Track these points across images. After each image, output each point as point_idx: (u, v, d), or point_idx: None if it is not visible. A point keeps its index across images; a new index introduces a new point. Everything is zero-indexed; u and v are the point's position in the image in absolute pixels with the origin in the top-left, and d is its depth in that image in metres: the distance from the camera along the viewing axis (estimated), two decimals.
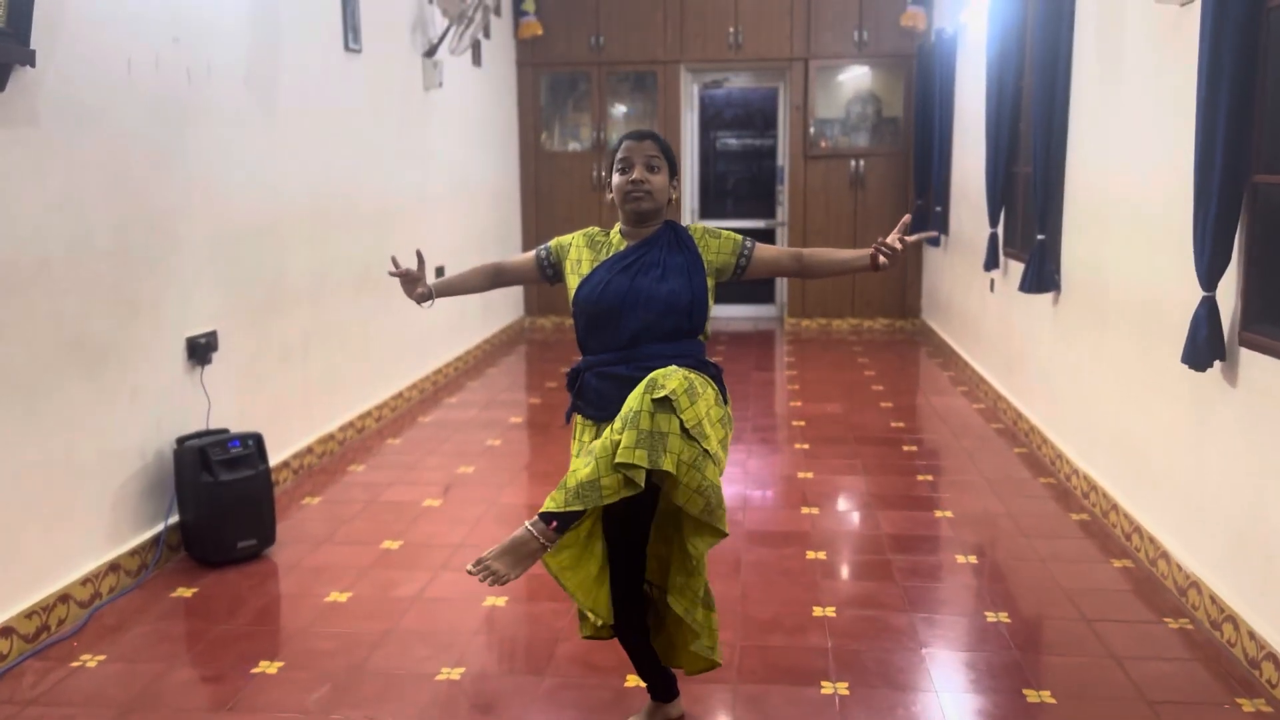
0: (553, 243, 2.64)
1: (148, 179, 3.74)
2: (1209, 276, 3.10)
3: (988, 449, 5.26)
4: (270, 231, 4.63)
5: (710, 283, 2.52)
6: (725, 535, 2.35)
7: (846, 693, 2.86)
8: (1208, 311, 3.13)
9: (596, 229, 2.63)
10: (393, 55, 6.08)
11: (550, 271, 2.63)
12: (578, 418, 2.55)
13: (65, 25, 3.29)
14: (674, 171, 2.55)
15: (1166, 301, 3.56)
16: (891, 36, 8.55)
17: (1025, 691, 2.87)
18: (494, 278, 2.69)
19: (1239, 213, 3.03)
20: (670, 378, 2.23)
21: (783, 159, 9.05)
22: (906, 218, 2.52)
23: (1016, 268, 5.56)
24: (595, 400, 2.48)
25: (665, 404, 2.19)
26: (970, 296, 6.99)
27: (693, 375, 2.31)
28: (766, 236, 9.12)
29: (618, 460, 2.17)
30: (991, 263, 6.08)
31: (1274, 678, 2.83)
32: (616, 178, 2.51)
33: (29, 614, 3.14)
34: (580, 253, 2.57)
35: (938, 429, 5.70)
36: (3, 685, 2.93)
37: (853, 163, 8.80)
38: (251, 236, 4.46)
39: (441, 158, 6.95)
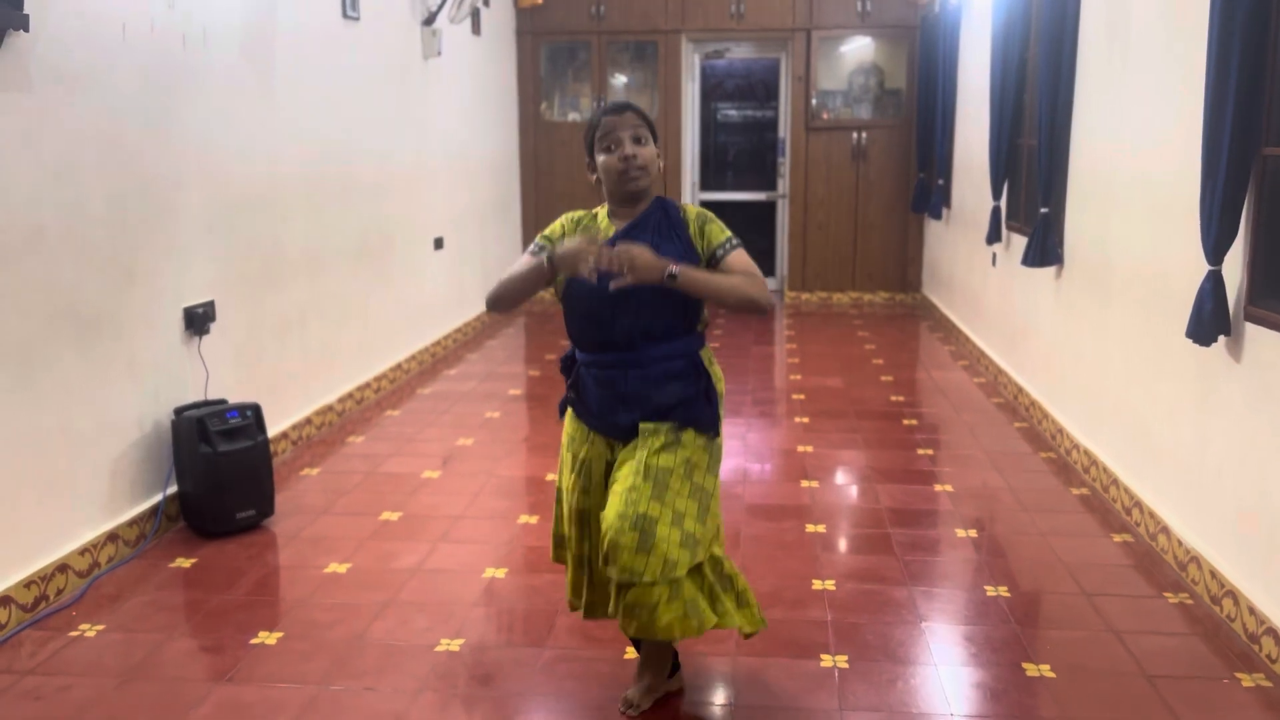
0: (543, 240, 2.46)
1: (143, 146, 3.70)
2: (1215, 250, 3.07)
3: (988, 423, 5.25)
4: (267, 200, 4.59)
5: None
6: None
7: (846, 666, 2.86)
8: (1213, 286, 3.10)
9: (582, 212, 2.50)
10: (391, 23, 6.01)
11: (555, 274, 2.40)
12: (571, 414, 2.50)
13: None
14: (656, 139, 2.43)
15: (1171, 275, 3.53)
16: (895, 7, 8.46)
17: (1024, 665, 2.87)
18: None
19: (1247, 186, 3.00)
20: (644, 571, 2.28)
21: (784, 131, 8.97)
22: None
23: (1019, 241, 5.53)
24: (593, 406, 2.42)
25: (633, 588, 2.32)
26: (972, 270, 6.95)
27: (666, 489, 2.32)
28: (768, 209, 9.08)
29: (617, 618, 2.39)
30: (994, 236, 6.05)
31: (1274, 652, 2.83)
32: (604, 157, 2.37)
33: (27, 584, 3.13)
34: None
35: (938, 403, 5.69)
36: (1, 654, 2.93)
37: (855, 135, 8.73)
38: (248, 205, 4.42)
39: (440, 128, 6.89)
